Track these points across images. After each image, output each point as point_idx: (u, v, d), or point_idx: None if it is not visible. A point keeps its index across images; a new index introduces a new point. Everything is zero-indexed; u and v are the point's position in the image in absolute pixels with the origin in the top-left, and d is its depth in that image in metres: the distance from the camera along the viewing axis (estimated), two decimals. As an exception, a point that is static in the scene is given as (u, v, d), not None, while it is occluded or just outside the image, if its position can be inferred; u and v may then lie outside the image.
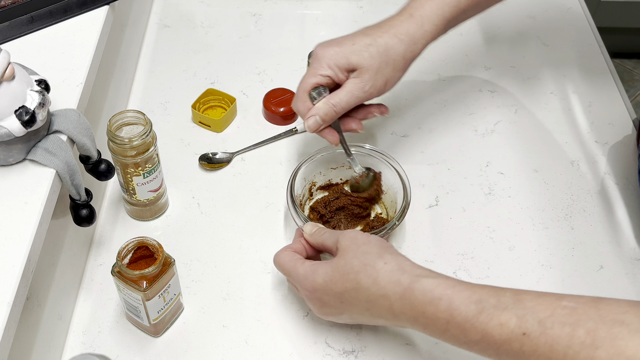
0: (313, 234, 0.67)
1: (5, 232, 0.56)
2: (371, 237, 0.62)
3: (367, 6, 1.08)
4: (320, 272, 0.61)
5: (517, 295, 0.53)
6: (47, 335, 0.64)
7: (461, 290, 0.54)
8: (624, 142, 0.89)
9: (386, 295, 0.57)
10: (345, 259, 0.60)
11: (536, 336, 0.50)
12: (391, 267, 0.58)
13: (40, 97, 0.56)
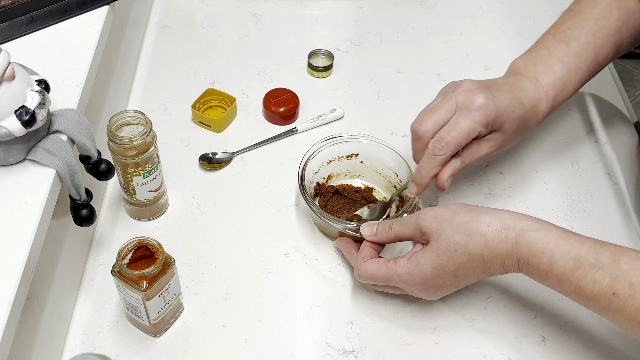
0: (377, 234, 0.67)
1: (5, 232, 0.56)
2: (450, 206, 0.63)
3: (367, 6, 1.08)
4: (423, 262, 0.62)
5: (616, 255, 0.55)
6: (47, 335, 0.64)
7: (562, 245, 0.57)
8: (623, 142, 0.89)
9: (499, 254, 0.59)
10: (445, 238, 0.61)
11: (625, 297, 0.53)
12: (495, 227, 0.59)
13: (40, 97, 0.56)
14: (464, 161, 0.69)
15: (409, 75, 0.98)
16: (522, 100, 0.69)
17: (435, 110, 0.68)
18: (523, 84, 0.71)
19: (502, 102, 0.67)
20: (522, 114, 0.69)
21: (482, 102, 0.66)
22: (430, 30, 1.05)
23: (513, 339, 0.70)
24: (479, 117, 0.66)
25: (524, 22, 1.06)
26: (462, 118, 0.66)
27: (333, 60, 0.97)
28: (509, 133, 0.69)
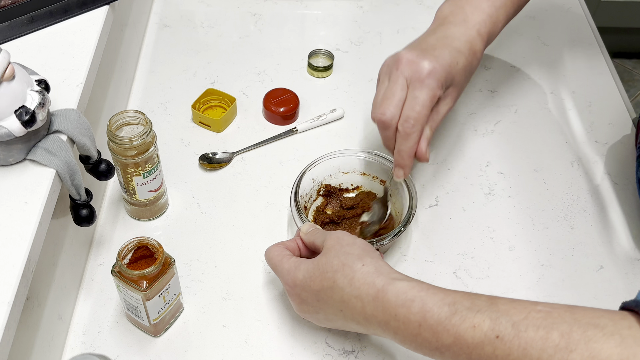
0: (307, 233, 0.67)
1: (5, 232, 0.56)
2: (357, 239, 0.62)
3: (367, 6, 1.08)
4: (302, 268, 0.61)
5: (492, 299, 0.52)
6: (47, 335, 0.64)
7: (435, 292, 0.53)
8: (623, 142, 0.89)
9: (359, 296, 0.56)
10: (327, 257, 0.60)
11: (510, 339, 0.48)
12: (368, 269, 0.57)
13: (40, 97, 0.56)
14: (432, 126, 0.69)
15: (409, 75, 0.98)
16: (460, 48, 0.69)
17: (390, 94, 0.67)
18: (453, 32, 0.71)
19: (445, 58, 0.67)
20: (465, 61, 0.69)
21: (430, 68, 0.66)
22: (430, 30, 1.05)
23: (513, 339, 0.70)
24: (433, 83, 0.66)
25: (524, 22, 1.06)
26: (418, 91, 0.66)
27: (333, 60, 0.97)
28: (460, 84, 0.70)
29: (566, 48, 1.02)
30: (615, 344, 0.45)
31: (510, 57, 1.00)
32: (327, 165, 0.79)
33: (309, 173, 0.77)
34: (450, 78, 0.68)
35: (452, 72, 0.68)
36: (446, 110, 0.71)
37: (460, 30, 0.71)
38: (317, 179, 0.79)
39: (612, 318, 0.47)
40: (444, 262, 0.76)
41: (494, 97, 0.95)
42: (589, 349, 0.45)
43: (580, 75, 0.98)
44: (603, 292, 0.73)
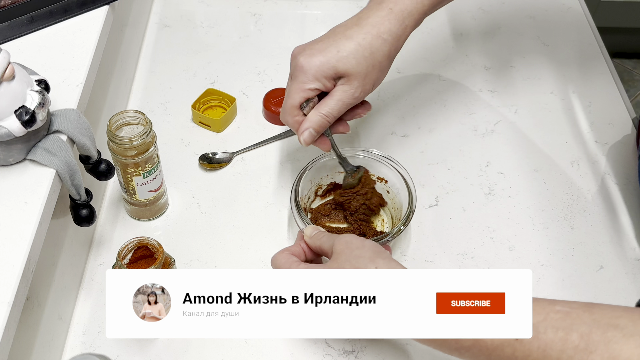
0: (312, 237, 0.67)
1: (5, 232, 0.56)
2: (366, 241, 0.62)
3: (367, 6, 1.08)
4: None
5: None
6: (47, 335, 0.64)
7: None
8: (623, 142, 0.89)
9: None
10: (338, 262, 0.60)
11: (529, 341, 0.49)
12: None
13: (40, 97, 0.56)
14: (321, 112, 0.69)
15: (409, 75, 0.98)
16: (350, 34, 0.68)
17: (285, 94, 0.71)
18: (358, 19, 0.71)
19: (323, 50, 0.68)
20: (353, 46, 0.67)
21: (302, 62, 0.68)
22: (431, 30, 1.05)
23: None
24: (301, 77, 0.68)
25: (524, 22, 1.06)
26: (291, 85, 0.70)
27: (333, 60, 0.97)
28: (352, 70, 0.67)
29: (566, 48, 1.02)
30: (636, 345, 0.45)
31: (510, 57, 1.00)
32: (326, 164, 0.79)
33: (306, 174, 0.77)
34: (330, 68, 0.67)
35: (331, 62, 0.67)
36: (345, 98, 0.69)
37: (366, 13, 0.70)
38: (314, 179, 0.79)
39: (632, 318, 0.47)
40: (444, 262, 0.76)
41: (494, 97, 0.95)
42: (609, 350, 0.46)
43: (580, 75, 0.98)
44: (603, 292, 0.73)
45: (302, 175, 0.76)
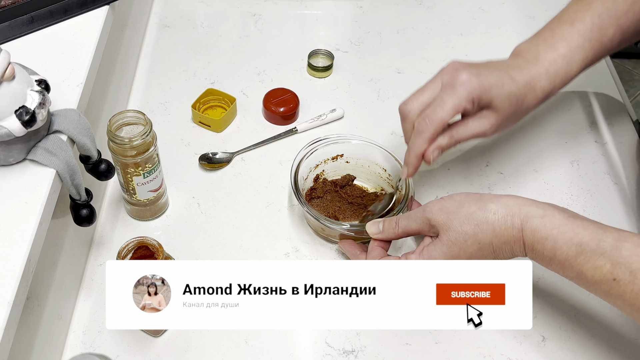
0: (384, 231, 0.68)
1: (5, 232, 0.56)
2: (455, 197, 0.63)
3: (367, 6, 1.08)
4: (435, 254, 0.63)
5: (618, 241, 0.56)
6: (47, 335, 0.64)
7: (565, 231, 0.58)
8: (623, 142, 0.89)
9: (507, 241, 0.61)
10: (454, 229, 0.62)
11: (625, 284, 0.55)
12: (501, 214, 0.61)
13: (41, 97, 0.56)
14: (454, 136, 0.68)
15: (409, 75, 0.98)
16: (515, 76, 0.68)
17: (421, 90, 0.69)
18: (519, 63, 0.70)
19: (489, 78, 0.67)
20: (515, 90, 0.68)
21: (465, 79, 0.66)
22: (430, 30, 1.05)
23: (513, 339, 0.70)
24: (462, 92, 0.66)
25: (524, 22, 1.06)
26: (446, 95, 0.66)
27: (333, 60, 0.97)
28: (502, 110, 0.68)
29: (566, 48, 1.01)
30: None
31: (510, 57, 1.00)
32: (324, 150, 0.80)
33: (307, 160, 0.78)
34: (487, 97, 0.67)
35: (491, 93, 0.67)
36: (477, 130, 0.69)
37: (527, 64, 0.70)
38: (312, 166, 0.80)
39: None
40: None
41: (494, 97, 0.94)
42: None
43: (580, 75, 0.97)
44: (603, 292, 0.73)
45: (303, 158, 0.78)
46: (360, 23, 1.06)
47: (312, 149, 0.79)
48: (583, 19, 0.71)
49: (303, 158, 0.78)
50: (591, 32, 0.71)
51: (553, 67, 0.70)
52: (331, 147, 0.81)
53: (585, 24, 0.71)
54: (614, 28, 0.72)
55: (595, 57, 0.73)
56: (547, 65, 0.70)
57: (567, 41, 0.71)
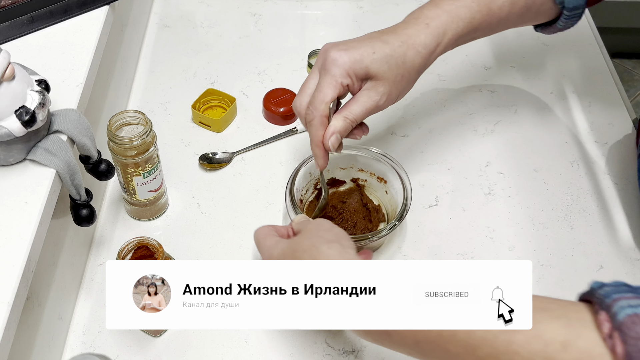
0: (299, 223, 0.66)
1: (5, 232, 0.56)
2: (336, 227, 0.62)
3: (367, 6, 1.08)
4: (279, 246, 0.62)
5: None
6: (47, 335, 0.64)
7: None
8: (623, 142, 0.89)
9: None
10: (301, 238, 0.60)
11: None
12: (332, 253, 0.57)
13: (41, 97, 0.56)
14: (347, 116, 0.67)
15: (409, 75, 0.98)
16: (387, 40, 0.67)
17: (305, 83, 0.69)
18: (395, 28, 0.69)
19: (358, 49, 0.66)
20: (389, 51, 0.66)
21: (335, 56, 0.66)
22: (430, 30, 1.05)
23: (513, 339, 0.70)
24: (334, 70, 0.66)
25: (524, 22, 1.06)
26: (322, 79, 0.66)
27: (333, 60, 0.97)
28: (383, 76, 0.66)
29: (566, 48, 1.02)
30: (561, 325, 0.47)
31: (510, 57, 1.00)
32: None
33: (305, 167, 0.77)
34: (361, 67, 0.66)
35: (365, 62, 0.66)
36: (369, 103, 0.67)
37: (404, 25, 0.69)
38: (314, 172, 0.79)
39: (561, 304, 0.50)
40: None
41: (494, 97, 0.95)
42: (534, 330, 0.48)
43: (580, 75, 0.98)
44: (603, 292, 0.73)
45: (299, 168, 0.76)
46: (360, 23, 1.06)
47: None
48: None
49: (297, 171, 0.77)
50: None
51: (435, 22, 0.69)
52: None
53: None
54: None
55: (483, 21, 0.71)
56: (428, 21, 0.69)
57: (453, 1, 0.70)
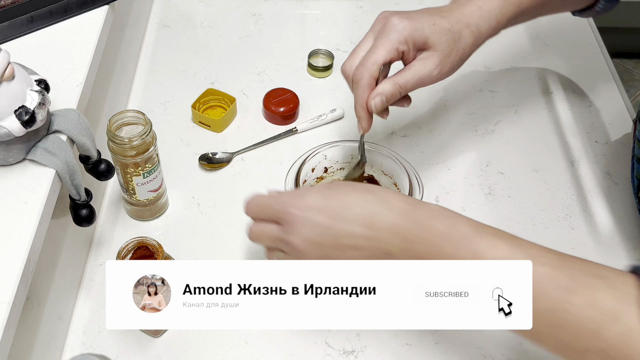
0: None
1: (5, 232, 0.56)
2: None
3: (367, 6, 1.08)
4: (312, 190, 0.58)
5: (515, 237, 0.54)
6: (47, 335, 0.64)
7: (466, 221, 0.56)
8: (624, 142, 0.89)
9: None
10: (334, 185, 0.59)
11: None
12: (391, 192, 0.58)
13: (40, 97, 0.56)
14: (397, 82, 0.67)
15: (409, 75, 0.98)
16: (446, 15, 0.68)
17: (357, 47, 0.69)
18: (450, 7, 0.70)
19: (419, 18, 0.67)
20: (448, 25, 0.67)
21: (396, 21, 0.66)
22: (430, 30, 1.05)
23: (513, 339, 0.70)
24: (394, 35, 0.66)
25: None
26: (378, 41, 0.66)
27: (333, 60, 0.97)
28: (439, 47, 0.67)
29: (566, 48, 1.02)
30: (613, 297, 0.48)
31: (510, 57, 1.00)
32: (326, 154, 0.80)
33: (309, 163, 0.78)
34: (421, 36, 0.66)
35: (424, 32, 0.66)
36: (421, 72, 0.67)
37: (457, 6, 0.70)
38: (317, 166, 0.80)
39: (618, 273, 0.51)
40: (444, 262, 0.76)
41: (494, 97, 0.95)
42: (589, 295, 0.49)
43: (580, 75, 0.98)
44: (603, 292, 0.73)
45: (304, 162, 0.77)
46: (360, 23, 1.06)
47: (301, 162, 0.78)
48: None
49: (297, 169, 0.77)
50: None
51: (487, 5, 0.70)
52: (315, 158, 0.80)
53: None
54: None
55: (530, 5, 0.72)
56: (481, 3, 0.70)
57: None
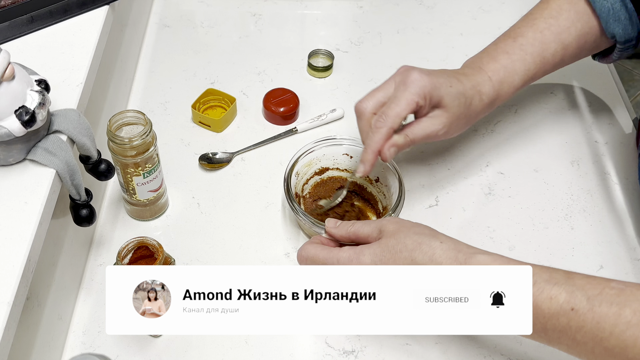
0: (339, 227, 0.65)
1: (5, 232, 0.56)
2: (418, 222, 0.62)
3: (367, 6, 1.08)
4: (366, 252, 0.60)
5: (568, 274, 0.54)
6: (47, 335, 0.64)
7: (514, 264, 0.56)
8: (623, 142, 0.89)
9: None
10: (397, 238, 0.59)
11: (584, 312, 0.51)
12: (447, 245, 0.58)
13: (40, 97, 0.56)
14: (408, 135, 0.70)
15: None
16: (462, 80, 0.72)
17: (376, 90, 0.72)
18: (465, 71, 0.74)
19: (438, 78, 0.70)
20: (462, 90, 0.71)
21: (417, 77, 0.69)
22: (430, 30, 1.05)
23: (513, 339, 0.70)
24: (414, 88, 0.69)
25: (524, 22, 1.06)
26: (399, 92, 0.69)
27: (333, 60, 0.97)
28: (451, 109, 0.71)
29: (566, 48, 1.01)
30: None
31: (510, 57, 1.00)
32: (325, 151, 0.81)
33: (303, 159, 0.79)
34: (437, 95, 0.70)
35: (441, 91, 0.70)
36: (430, 129, 0.71)
37: (472, 72, 0.74)
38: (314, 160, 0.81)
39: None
40: (444, 262, 0.76)
41: (494, 97, 0.94)
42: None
43: (580, 75, 0.98)
44: (603, 292, 0.73)
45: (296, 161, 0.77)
46: (360, 23, 1.06)
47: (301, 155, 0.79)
48: (525, 34, 0.77)
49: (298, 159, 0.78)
50: (532, 46, 0.76)
51: (496, 76, 0.74)
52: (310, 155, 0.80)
53: (527, 38, 0.76)
54: (555, 43, 0.76)
55: (538, 70, 0.77)
56: (490, 74, 0.74)
57: (509, 54, 0.76)
